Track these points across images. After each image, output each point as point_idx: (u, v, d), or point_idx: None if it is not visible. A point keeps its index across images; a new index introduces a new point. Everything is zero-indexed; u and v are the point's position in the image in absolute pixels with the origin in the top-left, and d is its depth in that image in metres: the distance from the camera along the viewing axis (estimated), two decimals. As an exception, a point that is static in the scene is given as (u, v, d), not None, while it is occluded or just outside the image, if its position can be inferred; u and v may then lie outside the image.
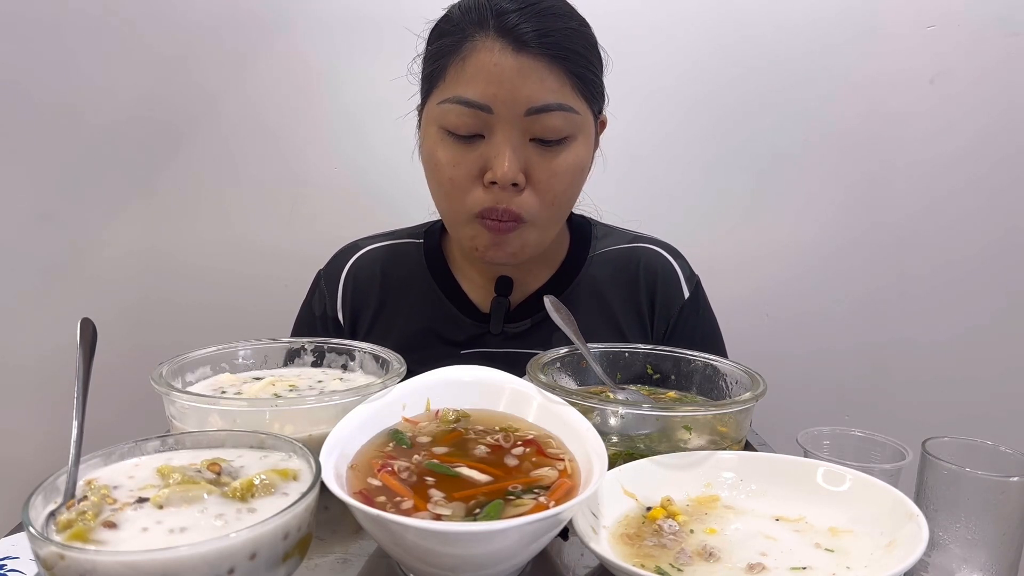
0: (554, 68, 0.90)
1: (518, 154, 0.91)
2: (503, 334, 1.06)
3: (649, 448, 0.73)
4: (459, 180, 0.94)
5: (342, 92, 1.55)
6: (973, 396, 1.66)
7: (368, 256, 1.14)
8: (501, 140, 0.90)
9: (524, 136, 0.91)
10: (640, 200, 1.55)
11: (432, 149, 0.96)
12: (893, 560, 0.57)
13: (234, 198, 1.59)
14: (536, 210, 0.95)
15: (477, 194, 0.94)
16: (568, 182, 0.96)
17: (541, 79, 0.89)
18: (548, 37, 0.89)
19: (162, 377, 0.75)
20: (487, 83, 0.89)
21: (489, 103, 0.89)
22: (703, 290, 1.14)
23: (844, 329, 1.66)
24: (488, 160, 0.91)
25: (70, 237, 1.57)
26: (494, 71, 0.89)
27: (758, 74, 1.56)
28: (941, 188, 1.59)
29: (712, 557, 0.59)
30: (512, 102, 0.89)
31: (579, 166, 0.96)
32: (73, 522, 0.49)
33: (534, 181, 0.93)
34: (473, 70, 0.90)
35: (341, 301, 1.11)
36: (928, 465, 0.67)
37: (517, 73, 0.88)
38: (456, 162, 0.93)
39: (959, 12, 1.51)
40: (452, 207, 0.97)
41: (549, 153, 0.93)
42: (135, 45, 1.50)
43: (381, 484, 0.60)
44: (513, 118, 0.90)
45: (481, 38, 0.90)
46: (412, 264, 1.11)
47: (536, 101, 0.89)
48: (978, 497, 0.64)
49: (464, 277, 1.10)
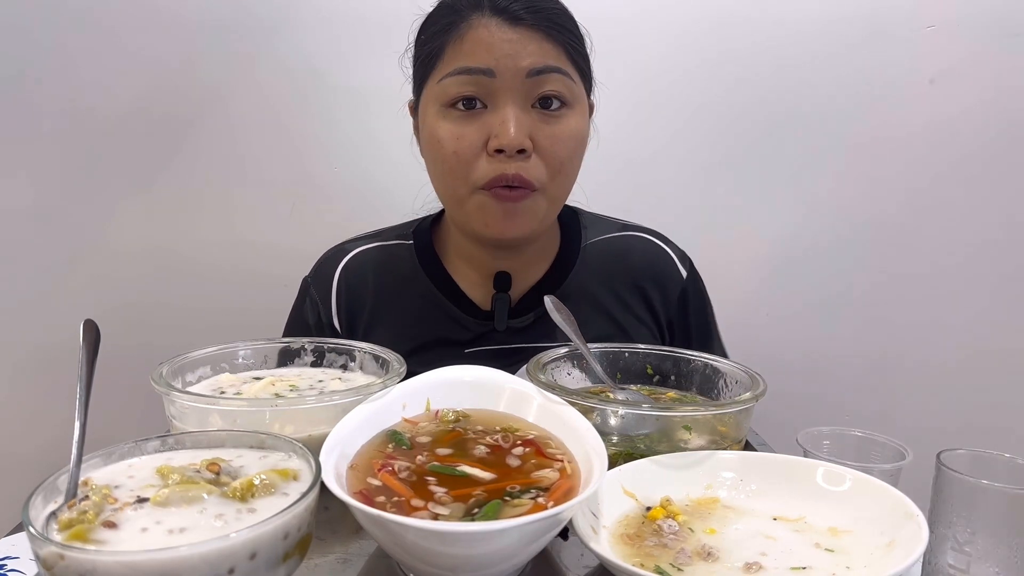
0: (549, 38, 0.92)
1: (522, 120, 0.91)
2: (508, 330, 1.06)
3: (649, 448, 0.73)
4: (463, 153, 0.93)
5: (343, 92, 1.54)
6: (973, 396, 1.66)
7: (357, 259, 1.12)
8: (505, 106, 0.91)
9: (527, 102, 0.92)
10: (639, 200, 1.55)
11: (433, 129, 0.95)
12: (893, 560, 0.57)
13: (234, 197, 1.58)
14: (545, 178, 0.94)
15: (482, 166, 0.93)
16: (572, 149, 0.96)
17: (540, 45, 0.91)
18: (540, 13, 0.92)
19: (162, 377, 0.75)
20: (487, 52, 0.90)
21: (491, 67, 0.90)
22: (695, 268, 1.15)
23: (844, 329, 1.66)
24: (492, 128, 0.91)
25: (70, 236, 1.57)
26: (493, 41, 0.90)
27: (757, 75, 1.55)
28: (941, 188, 1.59)
29: (712, 557, 0.59)
30: (514, 66, 0.90)
31: (580, 135, 0.97)
32: (74, 522, 0.49)
33: (540, 148, 0.93)
34: (472, 43, 0.91)
35: (336, 308, 1.09)
36: (943, 478, 0.66)
37: (517, 41, 0.91)
38: (458, 135, 0.93)
39: (959, 12, 1.51)
40: (455, 183, 0.95)
41: (551, 119, 0.93)
42: (136, 44, 1.50)
43: (381, 484, 0.60)
44: (515, 82, 0.91)
45: (477, 17, 0.92)
46: (405, 266, 1.10)
47: (537, 63, 0.91)
48: (995, 510, 0.63)
49: (460, 276, 1.08)
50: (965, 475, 0.64)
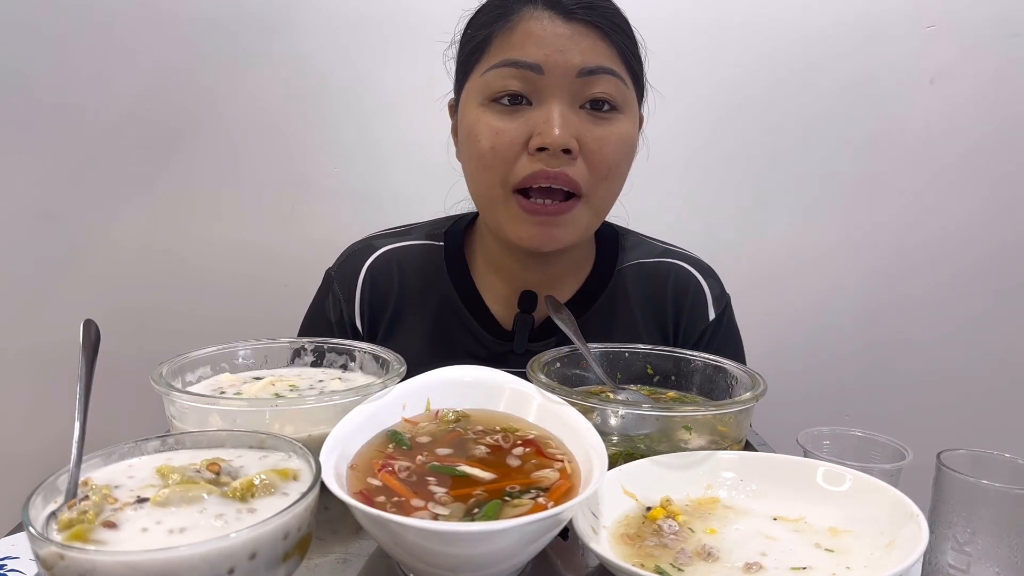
0: (604, 37, 0.87)
1: (569, 119, 0.86)
2: (527, 353, 0.99)
3: (649, 448, 0.73)
4: (501, 149, 0.87)
5: (343, 92, 1.55)
6: (974, 396, 1.66)
7: (384, 257, 1.06)
8: (551, 103, 0.86)
9: (575, 102, 0.87)
10: (641, 200, 1.55)
11: (472, 123, 0.89)
12: (893, 560, 0.56)
13: (234, 198, 1.58)
14: (591, 182, 0.89)
15: (521, 164, 0.87)
16: (621, 154, 0.90)
17: (593, 43, 0.86)
18: (595, 9, 0.87)
19: (162, 377, 0.75)
20: (537, 46, 0.85)
21: (540, 63, 0.85)
22: (731, 310, 1.09)
23: (844, 329, 1.66)
24: (536, 126, 0.86)
25: (70, 236, 1.57)
26: (544, 35, 0.85)
27: (758, 77, 1.56)
28: (941, 188, 1.59)
29: (712, 557, 0.59)
30: (564, 63, 0.85)
31: (630, 141, 0.92)
32: (74, 522, 0.49)
33: (586, 151, 0.87)
34: (522, 35, 0.86)
35: (359, 307, 1.05)
36: (943, 478, 0.66)
37: (568, 37, 0.86)
38: (498, 130, 0.87)
39: (959, 12, 1.51)
40: (490, 181, 0.89)
41: (601, 122, 0.88)
42: (136, 45, 1.50)
43: (381, 484, 0.60)
44: (564, 81, 0.86)
45: (529, 9, 0.88)
46: (431, 270, 1.04)
47: (589, 63, 0.86)
48: (996, 510, 0.63)
49: (486, 287, 1.04)
50: (965, 475, 0.64)
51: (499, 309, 1.04)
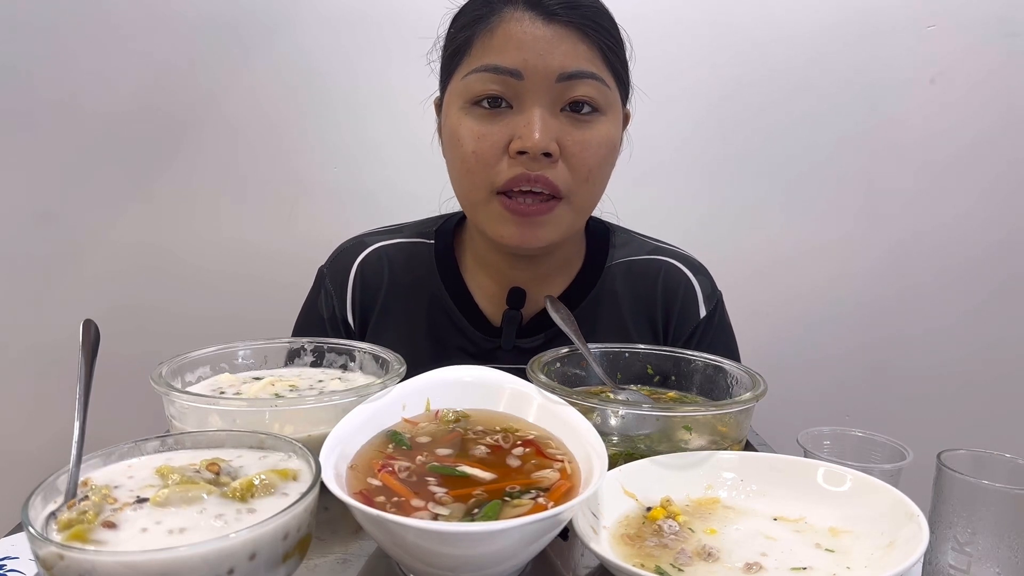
0: (585, 39, 0.87)
1: (549, 123, 0.87)
2: (515, 349, 1.01)
3: (649, 448, 0.73)
4: (483, 153, 0.88)
5: (343, 92, 1.54)
6: (974, 396, 1.66)
7: (375, 254, 1.08)
8: (531, 108, 0.86)
9: (555, 105, 0.88)
10: (638, 200, 1.55)
11: (455, 127, 0.90)
12: (893, 560, 0.57)
13: (234, 198, 1.59)
14: (572, 184, 0.89)
15: (503, 167, 0.88)
16: (602, 156, 0.91)
17: (573, 46, 0.86)
18: (576, 10, 0.87)
19: (162, 377, 0.75)
20: (517, 49, 0.86)
21: (520, 68, 0.85)
22: (723, 307, 1.09)
23: (844, 329, 1.66)
24: (516, 130, 0.87)
25: (70, 236, 1.57)
26: (524, 38, 0.86)
27: (758, 79, 1.56)
28: (941, 187, 1.59)
29: (712, 557, 0.59)
30: (544, 68, 0.85)
31: (611, 143, 0.92)
32: (73, 522, 0.49)
33: (567, 154, 0.88)
34: (502, 38, 0.87)
35: (351, 303, 1.06)
36: (943, 478, 0.66)
37: (548, 40, 0.85)
38: (480, 134, 0.88)
39: (959, 12, 1.51)
40: (473, 184, 0.91)
41: (581, 124, 0.89)
42: (135, 44, 1.50)
43: (381, 484, 0.60)
44: (544, 85, 0.86)
45: (510, 10, 0.87)
46: (421, 267, 1.06)
47: (568, 67, 0.86)
48: (996, 510, 0.63)
49: (476, 284, 1.05)
50: (965, 475, 0.64)
51: (488, 306, 1.04)
